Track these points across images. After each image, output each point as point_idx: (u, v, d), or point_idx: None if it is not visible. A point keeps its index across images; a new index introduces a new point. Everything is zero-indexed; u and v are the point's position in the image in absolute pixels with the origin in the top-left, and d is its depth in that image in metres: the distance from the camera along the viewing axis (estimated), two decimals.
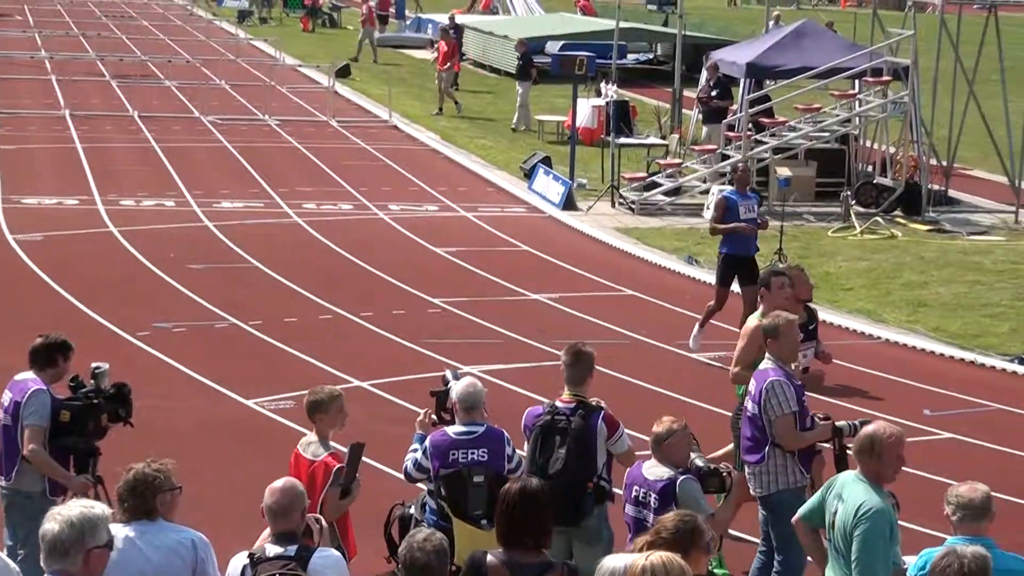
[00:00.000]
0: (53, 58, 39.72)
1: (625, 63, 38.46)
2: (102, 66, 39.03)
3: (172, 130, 30.55)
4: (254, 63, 41.94)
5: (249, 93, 36.10)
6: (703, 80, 28.56)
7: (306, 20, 54.76)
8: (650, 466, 8.14)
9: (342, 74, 38.21)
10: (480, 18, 49.16)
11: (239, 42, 47.10)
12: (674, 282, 19.84)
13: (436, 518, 8.72)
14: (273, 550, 6.67)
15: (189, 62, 40.14)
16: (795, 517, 8.01)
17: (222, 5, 61.50)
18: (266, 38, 47.86)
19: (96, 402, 9.03)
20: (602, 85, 30.30)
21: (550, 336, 16.02)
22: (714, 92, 27.29)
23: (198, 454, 12.29)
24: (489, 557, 6.58)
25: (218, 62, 40.40)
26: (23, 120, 30.90)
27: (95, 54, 40.87)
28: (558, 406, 8.92)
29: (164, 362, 15.15)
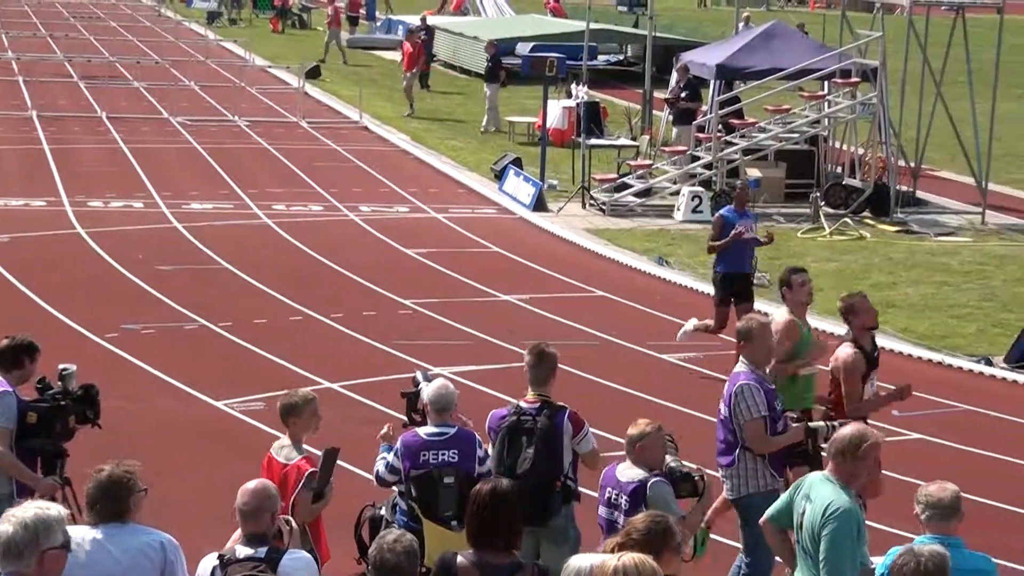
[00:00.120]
0: (20, 59, 39.53)
1: (596, 64, 38.53)
2: (70, 67, 38.88)
3: (141, 131, 30.44)
4: (223, 64, 41.82)
5: (219, 94, 36.00)
6: (673, 81, 28.64)
7: (276, 21, 54.63)
8: (624, 468, 8.15)
9: (312, 75, 38.16)
10: (451, 19, 49.14)
11: (208, 43, 46.95)
12: (644, 283, 19.87)
13: (406, 519, 8.72)
14: (243, 551, 6.66)
15: (158, 63, 39.99)
16: (763, 518, 8.02)
17: (191, 6, 61.34)
18: (236, 39, 47.70)
19: (63, 404, 8.98)
20: (573, 86, 30.34)
21: (520, 337, 15.99)
22: (684, 93, 27.35)
23: (167, 456, 12.24)
24: (459, 558, 6.59)
25: (187, 63, 40.28)
26: None
27: (63, 55, 40.71)
28: (523, 406, 8.93)
29: (132, 364, 15.09)
